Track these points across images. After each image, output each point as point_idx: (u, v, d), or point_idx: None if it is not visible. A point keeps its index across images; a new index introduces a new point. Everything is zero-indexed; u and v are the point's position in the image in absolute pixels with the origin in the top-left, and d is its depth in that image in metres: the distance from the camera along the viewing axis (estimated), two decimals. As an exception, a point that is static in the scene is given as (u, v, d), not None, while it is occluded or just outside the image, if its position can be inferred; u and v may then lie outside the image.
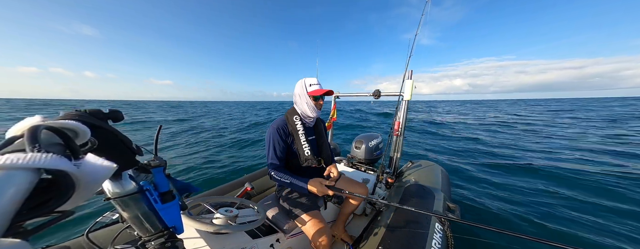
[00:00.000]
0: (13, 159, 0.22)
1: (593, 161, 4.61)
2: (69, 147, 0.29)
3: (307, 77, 1.39)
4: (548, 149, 5.77)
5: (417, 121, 14.01)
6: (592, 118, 13.38)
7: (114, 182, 0.47)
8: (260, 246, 1.18)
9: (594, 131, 8.50)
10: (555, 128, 9.73)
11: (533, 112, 19.95)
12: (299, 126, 1.37)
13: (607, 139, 6.80)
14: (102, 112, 0.43)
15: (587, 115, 15.41)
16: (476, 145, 6.64)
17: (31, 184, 0.23)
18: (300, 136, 1.37)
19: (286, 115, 1.43)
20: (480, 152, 5.78)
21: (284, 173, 1.30)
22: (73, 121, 0.33)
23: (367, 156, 2.47)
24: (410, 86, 1.98)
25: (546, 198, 3.01)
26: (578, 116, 14.71)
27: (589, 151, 5.41)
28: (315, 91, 1.32)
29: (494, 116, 17.64)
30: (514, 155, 5.29)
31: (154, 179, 0.57)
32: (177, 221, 0.60)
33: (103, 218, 0.78)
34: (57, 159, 0.25)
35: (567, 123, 11.36)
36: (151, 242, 0.54)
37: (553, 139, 7.19)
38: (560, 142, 6.54)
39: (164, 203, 0.57)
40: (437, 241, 1.25)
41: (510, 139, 7.34)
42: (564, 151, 5.51)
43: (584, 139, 7.00)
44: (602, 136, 7.44)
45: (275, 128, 1.35)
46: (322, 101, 1.39)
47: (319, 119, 1.58)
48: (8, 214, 0.21)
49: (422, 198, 1.65)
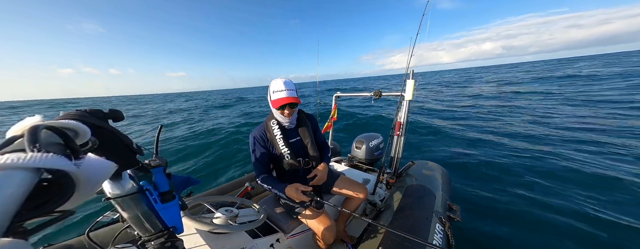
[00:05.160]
0: (13, 159, 0.22)
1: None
2: (69, 147, 0.29)
3: (276, 79, 1.23)
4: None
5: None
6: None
7: (114, 182, 0.47)
8: (260, 246, 1.18)
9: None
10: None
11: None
12: (277, 131, 1.31)
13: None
14: (102, 112, 0.43)
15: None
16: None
17: (31, 184, 0.23)
18: (278, 141, 1.31)
19: (266, 120, 1.39)
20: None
21: (268, 180, 1.31)
22: (73, 121, 0.33)
23: (368, 156, 2.47)
24: (412, 85, 1.98)
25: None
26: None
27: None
28: (276, 100, 1.20)
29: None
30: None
31: (154, 179, 0.57)
32: (177, 220, 0.60)
33: (103, 217, 0.78)
34: (57, 159, 0.25)
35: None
36: (151, 242, 0.54)
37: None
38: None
39: (164, 203, 0.57)
40: (438, 241, 1.25)
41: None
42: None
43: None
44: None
45: (254, 136, 1.33)
46: (289, 109, 1.23)
47: (304, 116, 1.46)
48: (8, 214, 0.21)
49: (422, 198, 1.65)
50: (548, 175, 3.21)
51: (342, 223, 1.68)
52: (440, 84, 22.85)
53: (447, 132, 5.70)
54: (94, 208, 2.81)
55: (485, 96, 10.86)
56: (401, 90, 2.12)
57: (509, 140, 4.68)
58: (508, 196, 2.85)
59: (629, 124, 4.86)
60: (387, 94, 2.32)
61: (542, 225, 2.35)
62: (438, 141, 5.20)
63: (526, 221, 2.41)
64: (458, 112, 7.98)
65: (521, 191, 2.90)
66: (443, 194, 1.77)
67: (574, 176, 3.11)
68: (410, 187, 1.84)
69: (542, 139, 4.58)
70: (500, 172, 3.44)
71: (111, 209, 0.79)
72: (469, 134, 5.36)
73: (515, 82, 17.02)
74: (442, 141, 5.18)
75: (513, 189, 2.97)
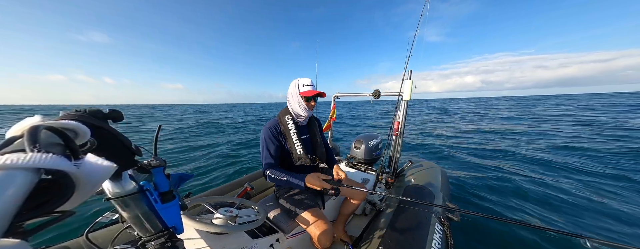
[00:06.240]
0: (13, 159, 0.22)
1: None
2: (69, 147, 0.29)
3: (302, 77, 1.39)
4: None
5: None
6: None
7: (114, 182, 0.47)
8: (260, 246, 1.18)
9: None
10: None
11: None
12: (291, 125, 1.39)
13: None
14: (102, 112, 0.43)
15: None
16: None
17: (31, 184, 0.23)
18: (292, 135, 1.38)
19: (279, 115, 1.45)
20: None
21: (280, 171, 1.29)
22: (73, 121, 0.33)
23: (367, 156, 2.48)
24: (410, 85, 1.99)
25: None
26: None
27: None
28: (307, 91, 1.33)
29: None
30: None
31: (154, 179, 0.57)
32: (177, 221, 0.60)
33: (103, 218, 0.77)
34: (57, 159, 0.25)
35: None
36: (151, 242, 0.54)
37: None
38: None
39: (164, 203, 0.57)
40: (437, 241, 1.25)
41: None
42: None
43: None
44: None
45: (268, 128, 1.37)
46: (314, 102, 1.39)
47: (313, 118, 1.60)
48: (8, 214, 0.21)
49: (421, 198, 1.65)
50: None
51: (342, 223, 1.69)
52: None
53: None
54: (94, 208, 2.79)
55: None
56: (400, 90, 2.12)
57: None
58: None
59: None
60: (386, 94, 2.32)
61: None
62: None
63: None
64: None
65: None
66: (442, 194, 1.78)
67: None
68: (409, 187, 1.84)
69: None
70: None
71: (111, 210, 0.79)
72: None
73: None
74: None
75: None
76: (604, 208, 2.65)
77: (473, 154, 5.34)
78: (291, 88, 1.37)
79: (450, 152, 5.60)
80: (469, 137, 7.65)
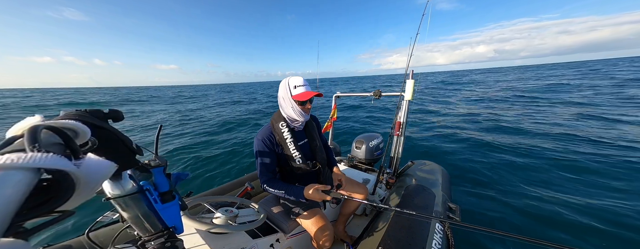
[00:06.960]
0: (13, 158, 0.22)
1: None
2: (69, 147, 0.29)
3: (293, 76, 1.23)
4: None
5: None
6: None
7: (114, 182, 0.47)
8: (260, 246, 1.18)
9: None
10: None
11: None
12: (287, 133, 1.26)
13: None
14: (102, 112, 0.43)
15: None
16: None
17: (31, 184, 0.23)
18: (289, 144, 1.26)
19: (272, 122, 1.31)
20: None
21: (278, 184, 1.23)
22: (73, 121, 0.33)
23: (368, 156, 2.47)
24: (412, 85, 1.98)
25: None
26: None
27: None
28: (300, 95, 1.18)
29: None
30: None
31: (154, 179, 0.57)
32: (177, 221, 0.60)
33: (103, 217, 0.78)
34: (57, 159, 0.25)
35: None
36: (151, 242, 0.54)
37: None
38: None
39: (164, 203, 0.57)
40: (437, 241, 1.25)
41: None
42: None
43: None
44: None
45: (261, 140, 1.24)
46: (310, 104, 1.24)
47: (311, 118, 1.45)
48: (8, 214, 0.21)
49: (422, 198, 1.65)
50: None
51: (342, 223, 1.68)
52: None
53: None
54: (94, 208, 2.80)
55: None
56: (401, 90, 2.12)
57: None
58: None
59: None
60: (387, 94, 2.32)
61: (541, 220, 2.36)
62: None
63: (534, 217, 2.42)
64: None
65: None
66: (443, 194, 1.77)
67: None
68: (410, 187, 1.84)
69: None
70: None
71: (111, 210, 0.79)
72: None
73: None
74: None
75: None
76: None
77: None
78: (281, 91, 1.21)
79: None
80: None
